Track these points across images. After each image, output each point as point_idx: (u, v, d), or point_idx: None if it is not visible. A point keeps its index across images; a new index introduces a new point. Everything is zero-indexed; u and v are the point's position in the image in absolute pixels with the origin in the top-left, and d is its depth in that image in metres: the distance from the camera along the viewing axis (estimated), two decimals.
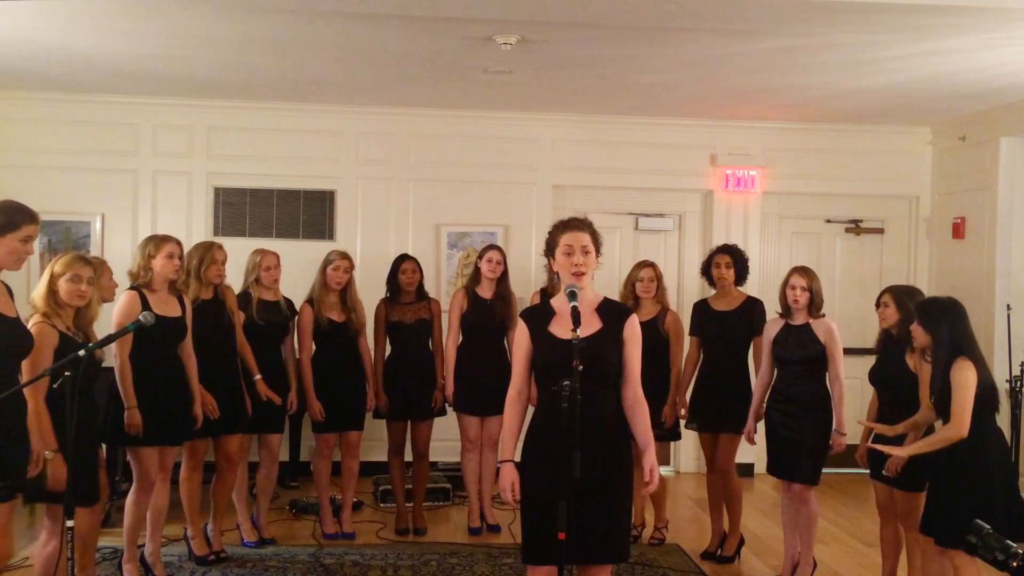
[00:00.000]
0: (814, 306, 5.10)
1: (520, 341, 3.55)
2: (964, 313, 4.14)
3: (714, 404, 5.63)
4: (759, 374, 5.38)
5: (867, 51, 5.56)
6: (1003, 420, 6.54)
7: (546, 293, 5.79)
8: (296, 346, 5.81)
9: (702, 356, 5.79)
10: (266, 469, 5.76)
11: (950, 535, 3.98)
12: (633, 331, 3.52)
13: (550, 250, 3.59)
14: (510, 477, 3.44)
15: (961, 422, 3.93)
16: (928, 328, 4.14)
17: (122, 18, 5.18)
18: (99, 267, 4.52)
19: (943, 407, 4.09)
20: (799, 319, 5.12)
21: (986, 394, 4.00)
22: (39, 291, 4.03)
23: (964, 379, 3.95)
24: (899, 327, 4.65)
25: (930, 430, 4.34)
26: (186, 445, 5.13)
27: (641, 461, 3.48)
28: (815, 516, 5.16)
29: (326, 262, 5.75)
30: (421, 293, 6.00)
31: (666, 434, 5.83)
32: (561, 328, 3.42)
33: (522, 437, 3.58)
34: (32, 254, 3.70)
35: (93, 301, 4.18)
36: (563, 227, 3.57)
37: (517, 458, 3.54)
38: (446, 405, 6.02)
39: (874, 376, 4.81)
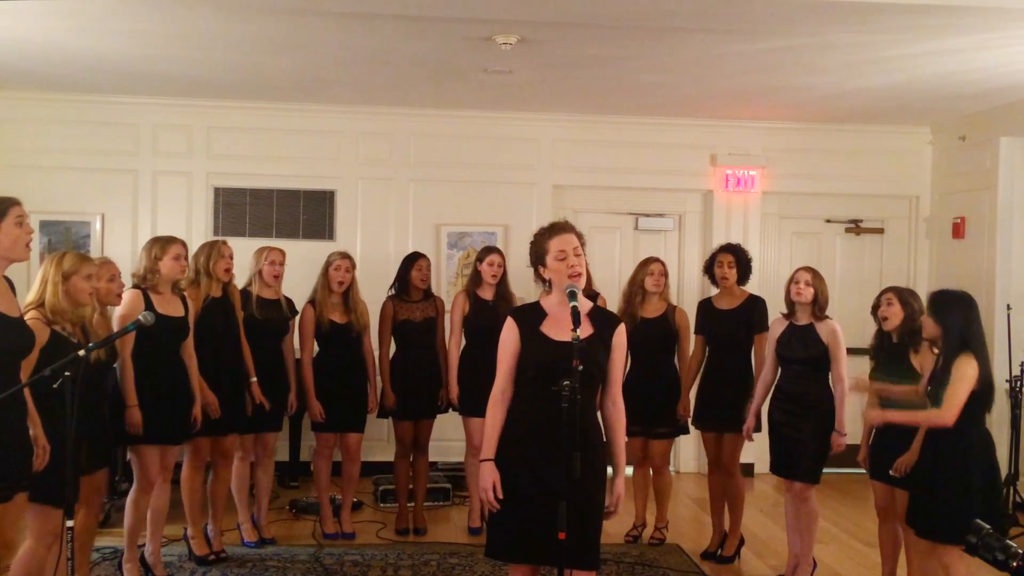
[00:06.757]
0: (818, 306, 5.09)
1: (508, 339, 3.47)
2: (975, 307, 4.12)
3: (718, 403, 5.63)
4: (761, 373, 5.38)
5: (867, 51, 5.56)
6: (1003, 420, 6.58)
7: None
8: (296, 346, 5.81)
9: (706, 355, 5.79)
10: (263, 467, 5.76)
11: (929, 526, 4.07)
12: (621, 340, 3.50)
13: (539, 258, 3.49)
14: (492, 477, 3.37)
15: (950, 411, 3.93)
16: (938, 319, 4.11)
17: (122, 18, 5.18)
18: (104, 267, 4.50)
19: (937, 398, 4.09)
20: (803, 319, 5.12)
21: (984, 392, 4.01)
22: (48, 290, 3.93)
23: (964, 373, 3.96)
24: (901, 328, 4.65)
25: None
26: (188, 444, 5.14)
27: (614, 483, 3.47)
28: (815, 515, 5.16)
29: (327, 263, 5.75)
30: (427, 291, 6.00)
31: (675, 430, 5.84)
32: (554, 329, 3.39)
33: None
34: (32, 233, 3.62)
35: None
36: (549, 233, 3.48)
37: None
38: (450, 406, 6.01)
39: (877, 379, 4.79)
